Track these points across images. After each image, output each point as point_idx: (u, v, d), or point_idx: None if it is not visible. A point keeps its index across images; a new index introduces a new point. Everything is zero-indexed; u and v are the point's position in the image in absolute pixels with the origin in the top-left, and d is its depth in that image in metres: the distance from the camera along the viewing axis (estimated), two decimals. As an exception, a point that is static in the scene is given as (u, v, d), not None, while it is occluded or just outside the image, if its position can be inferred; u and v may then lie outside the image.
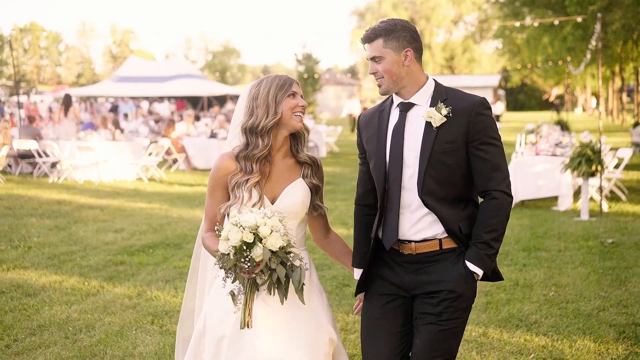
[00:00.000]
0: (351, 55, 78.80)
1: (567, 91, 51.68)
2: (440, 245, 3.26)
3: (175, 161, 19.20)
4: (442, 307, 3.23)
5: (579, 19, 22.24)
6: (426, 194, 3.20)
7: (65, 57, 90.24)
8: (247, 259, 2.97)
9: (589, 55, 22.42)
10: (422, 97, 3.28)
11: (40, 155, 17.09)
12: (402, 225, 3.28)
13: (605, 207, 11.76)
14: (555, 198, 12.57)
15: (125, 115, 25.21)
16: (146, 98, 38.46)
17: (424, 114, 3.22)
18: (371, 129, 3.39)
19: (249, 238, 2.95)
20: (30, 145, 16.97)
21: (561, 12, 30.44)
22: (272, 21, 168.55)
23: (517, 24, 30.24)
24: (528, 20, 33.23)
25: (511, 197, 3.26)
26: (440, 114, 3.18)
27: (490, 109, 3.27)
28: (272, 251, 3.00)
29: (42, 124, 21.66)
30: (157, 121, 24.03)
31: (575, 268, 7.91)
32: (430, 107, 3.24)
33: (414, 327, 3.34)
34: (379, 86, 3.31)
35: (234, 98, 41.48)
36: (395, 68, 3.24)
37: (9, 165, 18.14)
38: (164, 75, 37.91)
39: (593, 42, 20.04)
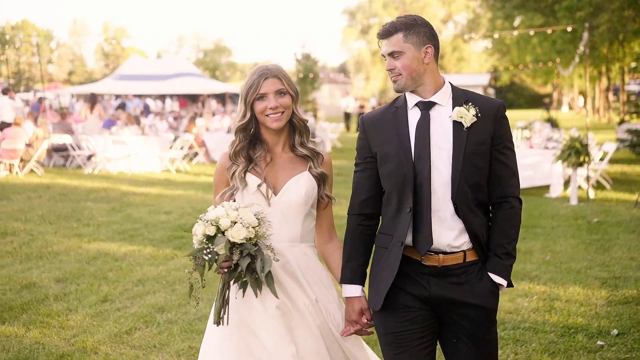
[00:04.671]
0: (342, 53, 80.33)
1: (556, 90, 53.31)
2: (465, 257, 3.11)
3: (195, 154, 20.70)
4: (475, 326, 3.12)
5: (569, 29, 23.77)
6: (459, 198, 3.05)
7: (57, 55, 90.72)
8: (208, 252, 3.01)
9: (577, 58, 23.98)
10: (443, 97, 3.12)
11: (74, 149, 18.53)
12: (433, 232, 3.08)
13: (591, 194, 13.37)
14: (548, 186, 14.17)
15: (142, 112, 26.76)
16: (149, 95, 39.77)
17: (453, 114, 3.08)
18: (387, 131, 3.18)
19: (211, 231, 3.00)
20: (65, 139, 18.41)
21: (550, 16, 31.99)
22: (263, 19, 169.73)
23: (515, 32, 31.75)
24: (518, 22, 34.78)
25: (521, 202, 3.25)
26: (469, 113, 3.07)
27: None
28: (234, 243, 2.99)
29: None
30: (175, 118, 25.59)
31: (566, 240, 9.49)
32: (455, 107, 3.10)
33: (448, 349, 3.23)
34: (395, 82, 3.12)
35: (233, 96, 42.94)
36: (415, 64, 3.08)
37: (42, 158, 19.56)
38: (166, 74, 39.35)
39: (581, 47, 21.64)
